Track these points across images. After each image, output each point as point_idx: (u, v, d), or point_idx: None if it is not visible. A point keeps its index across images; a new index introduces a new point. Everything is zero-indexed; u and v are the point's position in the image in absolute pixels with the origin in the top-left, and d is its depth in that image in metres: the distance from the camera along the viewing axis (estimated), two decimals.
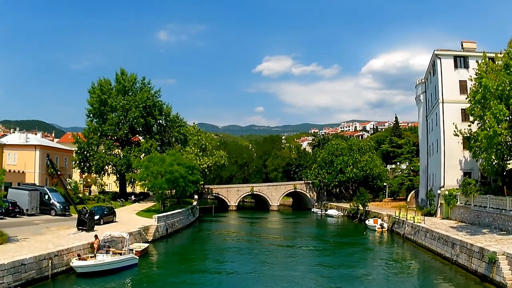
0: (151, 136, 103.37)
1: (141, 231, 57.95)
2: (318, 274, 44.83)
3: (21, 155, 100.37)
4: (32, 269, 33.73)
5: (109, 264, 39.95)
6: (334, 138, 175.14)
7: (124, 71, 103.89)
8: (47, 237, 45.43)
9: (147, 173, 78.41)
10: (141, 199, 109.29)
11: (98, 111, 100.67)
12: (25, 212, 63.73)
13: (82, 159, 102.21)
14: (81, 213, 52.78)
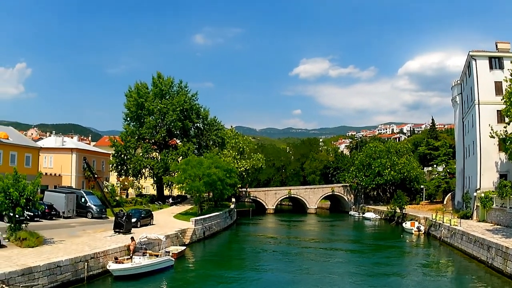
0: (188, 139, 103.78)
1: (178, 234, 57.96)
2: (355, 277, 44.76)
3: (57, 158, 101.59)
4: (68, 271, 33.90)
5: (146, 267, 39.97)
6: (371, 141, 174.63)
7: (160, 75, 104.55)
8: (83, 240, 45.73)
9: (185, 176, 78.69)
10: (179, 202, 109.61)
11: (135, 114, 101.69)
12: (62, 214, 64.34)
13: (119, 162, 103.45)
14: (118, 216, 53.04)
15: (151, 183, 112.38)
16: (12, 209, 40.68)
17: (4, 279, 28.18)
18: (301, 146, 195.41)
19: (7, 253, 35.23)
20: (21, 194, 40.09)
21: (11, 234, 40.92)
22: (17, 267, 30.07)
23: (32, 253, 35.74)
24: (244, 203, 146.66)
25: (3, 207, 40.68)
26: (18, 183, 40.76)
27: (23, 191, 40.27)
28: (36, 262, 32.15)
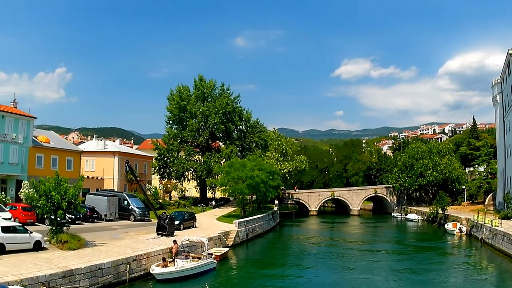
0: (231, 141, 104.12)
1: (221, 236, 58.04)
2: (397, 278, 44.99)
3: (99, 161, 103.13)
4: (110, 274, 34.23)
5: (188, 270, 40.08)
6: (414, 142, 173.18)
7: (202, 78, 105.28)
8: (126, 242, 46.07)
9: (228, 179, 78.68)
10: (222, 204, 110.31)
11: (177, 117, 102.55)
12: (104, 217, 64.95)
13: (162, 165, 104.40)
14: (161, 219, 53.30)
15: (194, 185, 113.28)
16: (53, 212, 41.21)
17: (45, 281, 28.50)
18: (344, 148, 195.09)
19: (48, 256, 35.65)
20: (62, 197, 40.58)
21: (52, 237, 41.46)
22: (58, 269, 30.41)
23: (73, 256, 36.10)
24: (287, 205, 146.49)
25: (44, 210, 41.19)
26: (59, 187, 41.30)
27: (64, 194, 40.75)
28: (77, 264, 32.53)
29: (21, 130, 73.61)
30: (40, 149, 78.24)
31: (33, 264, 31.54)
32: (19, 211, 52.16)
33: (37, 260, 33.21)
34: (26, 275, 28.03)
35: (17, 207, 53.86)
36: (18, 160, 71.69)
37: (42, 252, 37.40)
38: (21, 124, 74.31)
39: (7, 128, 71.35)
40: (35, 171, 73.12)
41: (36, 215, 50.73)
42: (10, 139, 70.52)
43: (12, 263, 31.49)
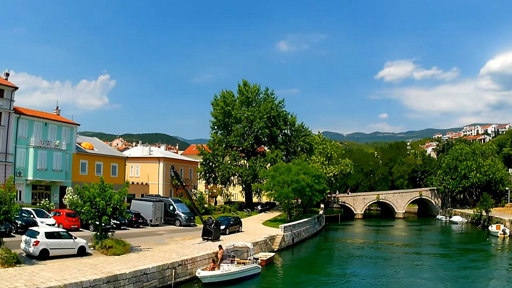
0: (276, 146, 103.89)
1: (267, 241, 57.96)
2: (441, 281, 45.04)
3: (144, 167, 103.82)
4: (155, 278, 34.32)
5: (233, 274, 40.09)
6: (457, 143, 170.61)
7: (246, 83, 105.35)
8: (171, 247, 46.21)
9: (274, 183, 78.76)
10: (267, 209, 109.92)
11: (222, 122, 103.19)
12: (149, 222, 65.35)
13: (208, 170, 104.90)
14: (207, 223, 53.40)
15: (240, 190, 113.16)
16: (98, 218, 41.49)
17: (89, 286, 28.60)
18: (389, 150, 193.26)
19: (92, 261, 35.87)
20: (107, 203, 40.91)
21: (97, 242, 41.73)
22: (102, 275, 30.51)
23: (118, 261, 36.26)
24: (333, 209, 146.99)
25: (89, 216, 41.56)
26: (104, 192, 41.70)
27: (109, 200, 41.08)
28: (122, 269, 32.62)
29: (64, 137, 74.53)
30: (84, 155, 79.06)
31: (77, 270, 31.66)
32: (63, 217, 52.68)
33: (81, 266, 33.37)
34: (70, 280, 28.16)
35: (61, 213, 54.42)
36: (61, 166, 72.48)
37: (86, 257, 37.67)
38: (64, 131, 75.28)
39: (50, 135, 72.29)
40: (79, 178, 74.00)
41: (81, 221, 51.33)
42: (54, 146, 71.38)
43: (56, 269, 31.68)
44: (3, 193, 34.04)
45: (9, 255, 31.84)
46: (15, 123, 67.62)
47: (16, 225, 45.82)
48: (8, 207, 34.02)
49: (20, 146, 67.86)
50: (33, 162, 68.28)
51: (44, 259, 34.86)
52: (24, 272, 29.62)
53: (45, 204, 63.00)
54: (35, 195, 70.25)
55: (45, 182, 71.09)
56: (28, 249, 35.54)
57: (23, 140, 68.36)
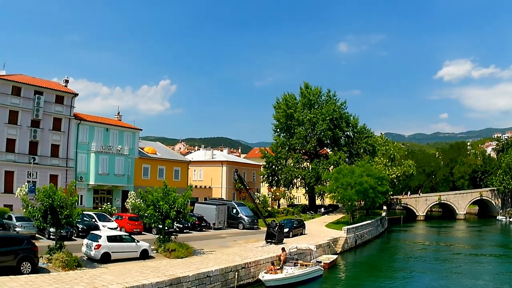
0: (339, 148, 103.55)
1: (330, 243, 57.67)
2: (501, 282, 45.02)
3: (207, 171, 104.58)
4: (218, 281, 34.07)
5: (296, 277, 39.76)
6: None
7: (308, 85, 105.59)
8: (234, 250, 46.08)
9: (337, 185, 78.47)
10: (330, 211, 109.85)
11: (284, 125, 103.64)
12: (212, 226, 65.41)
13: (271, 173, 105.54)
14: (270, 226, 53.09)
15: (303, 193, 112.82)
16: (161, 221, 41.68)
17: None
18: (450, 151, 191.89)
19: (154, 264, 35.88)
20: (171, 206, 41.01)
21: (160, 245, 41.79)
22: (165, 277, 30.33)
23: (181, 264, 36.14)
24: (395, 211, 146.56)
25: (152, 219, 41.77)
26: (167, 196, 41.92)
27: (173, 203, 41.21)
28: (185, 272, 32.44)
29: (126, 142, 75.71)
30: (146, 160, 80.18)
31: (139, 273, 31.61)
32: (125, 221, 53.17)
33: (143, 269, 33.36)
34: (132, 283, 28.00)
35: (123, 216, 55.00)
36: (124, 171, 73.58)
37: (148, 260, 37.81)
38: (126, 136, 76.41)
39: (112, 140, 73.49)
40: (141, 182, 74.98)
41: (143, 224, 51.48)
42: (115, 151, 72.54)
43: (118, 272, 31.71)
44: (65, 198, 34.31)
45: (70, 258, 32.11)
46: (76, 129, 69.09)
47: (77, 229, 46.37)
48: (69, 211, 34.29)
49: (81, 152, 69.39)
50: (94, 167, 69.72)
51: (105, 262, 35.10)
52: (85, 275, 29.69)
53: (107, 208, 63.83)
54: (96, 199, 71.80)
55: (106, 187, 72.43)
56: (89, 252, 35.83)
57: (84, 145, 69.78)
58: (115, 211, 64.43)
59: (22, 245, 29.89)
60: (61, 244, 34.57)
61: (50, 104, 66.74)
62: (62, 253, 32.67)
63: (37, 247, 31.03)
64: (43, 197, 33.54)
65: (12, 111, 63.22)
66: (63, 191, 35.27)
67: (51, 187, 34.80)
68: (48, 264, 32.58)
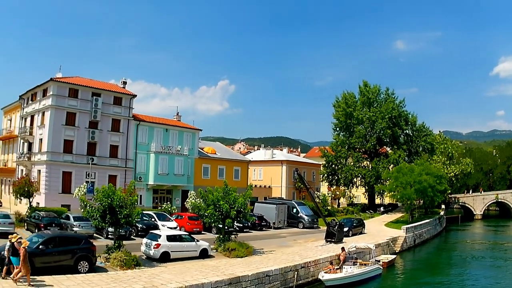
0: (398, 146, 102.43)
1: (389, 242, 57.17)
2: None
3: (267, 170, 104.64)
4: (277, 280, 33.79)
5: (355, 276, 39.48)
6: None
7: (367, 83, 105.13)
8: (294, 249, 45.78)
9: (396, 184, 78.01)
10: (390, 210, 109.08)
11: (344, 124, 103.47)
12: (272, 225, 65.26)
13: (330, 172, 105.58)
14: (330, 226, 52.81)
15: (362, 192, 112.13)
16: (221, 220, 41.64)
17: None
18: (507, 149, 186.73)
19: (214, 263, 35.78)
20: (231, 206, 40.93)
21: (220, 245, 41.79)
22: (224, 277, 30.20)
23: (240, 263, 36.00)
24: (453, 210, 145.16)
25: (212, 219, 41.81)
26: (228, 196, 41.86)
27: (233, 203, 41.12)
28: (244, 271, 32.27)
29: (186, 142, 76.37)
30: (206, 160, 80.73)
31: (198, 272, 31.53)
32: (185, 220, 53.51)
33: (203, 268, 33.29)
34: (191, 282, 27.91)
35: (183, 216, 55.32)
36: (183, 171, 74.10)
37: (208, 260, 37.74)
38: (186, 136, 77.08)
39: (172, 140, 74.27)
40: (201, 181, 75.57)
41: (203, 224, 51.63)
42: (175, 151, 73.11)
43: (177, 271, 31.70)
44: (124, 198, 34.56)
45: (128, 257, 32.30)
46: (135, 129, 70.01)
47: (136, 228, 46.91)
48: (129, 211, 34.48)
49: (140, 152, 70.33)
50: (154, 167, 70.49)
51: (165, 261, 35.18)
52: (143, 274, 29.76)
53: (166, 208, 64.36)
54: (156, 199, 72.64)
55: (166, 187, 73.09)
56: (148, 252, 36.03)
57: (143, 146, 70.68)
58: (175, 211, 65.02)
59: (80, 245, 30.23)
60: (120, 244, 34.93)
61: (108, 105, 68.04)
62: (120, 252, 32.96)
63: (95, 247, 31.37)
64: (102, 197, 33.86)
65: (70, 113, 64.75)
66: (122, 191, 35.53)
67: (110, 187, 35.09)
68: (106, 263, 32.95)
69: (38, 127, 66.59)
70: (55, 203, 59.07)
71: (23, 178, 58.02)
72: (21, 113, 75.07)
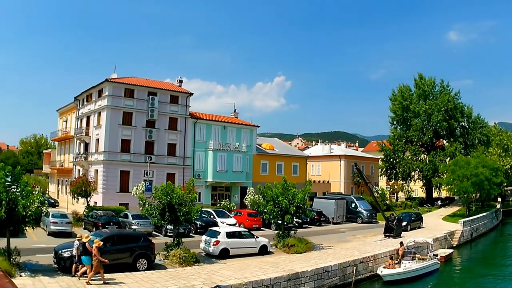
0: (454, 139, 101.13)
1: (447, 236, 56.41)
2: None
3: (325, 165, 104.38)
4: (336, 276, 33.63)
5: (414, 271, 39.04)
6: None
7: (422, 76, 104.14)
8: (353, 244, 45.59)
9: (453, 177, 76.87)
10: (447, 203, 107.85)
11: (401, 117, 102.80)
12: (331, 220, 65.17)
13: (389, 166, 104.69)
14: (389, 220, 52.41)
15: (420, 185, 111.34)
16: (281, 216, 41.66)
17: (269, 284, 28.30)
18: None
19: (273, 259, 35.73)
20: (290, 202, 40.88)
21: (279, 241, 41.79)
22: (283, 273, 30.18)
23: (299, 259, 35.94)
24: (509, 202, 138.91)
25: (272, 215, 41.90)
26: (287, 192, 41.86)
27: (292, 199, 41.04)
28: (303, 267, 32.21)
29: (244, 139, 76.69)
30: (264, 156, 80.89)
31: (258, 268, 31.61)
32: (244, 217, 53.80)
33: (262, 264, 33.34)
34: (250, 278, 28.01)
35: (242, 213, 55.61)
36: (242, 168, 74.34)
37: (267, 256, 37.72)
38: (244, 133, 77.43)
39: (229, 137, 74.67)
40: (259, 178, 75.74)
41: (263, 220, 51.87)
42: (233, 148, 73.43)
43: (236, 267, 31.81)
44: (183, 195, 34.79)
45: (187, 254, 32.49)
46: (192, 127, 70.47)
47: (195, 225, 47.41)
48: (188, 208, 34.62)
49: (198, 150, 70.83)
50: (212, 164, 70.96)
51: (224, 258, 35.30)
52: (202, 271, 29.94)
53: (225, 205, 64.83)
54: (215, 196, 73.11)
55: (225, 183, 73.48)
56: (207, 248, 36.25)
57: (201, 143, 71.23)
58: (233, 207, 65.47)
59: (139, 243, 30.62)
60: (179, 241, 35.11)
61: (165, 104, 68.82)
62: (179, 250, 33.20)
63: (154, 244, 31.74)
64: (161, 195, 34.11)
65: (126, 113, 65.85)
66: (181, 189, 35.79)
67: (168, 185, 35.35)
68: (164, 261, 33.26)
69: (94, 127, 68.03)
70: (112, 202, 60.21)
71: (80, 178, 58.86)
72: (76, 114, 76.93)
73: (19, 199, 26.64)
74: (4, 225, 26.81)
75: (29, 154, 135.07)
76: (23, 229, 28.95)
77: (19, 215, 26.52)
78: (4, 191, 26.22)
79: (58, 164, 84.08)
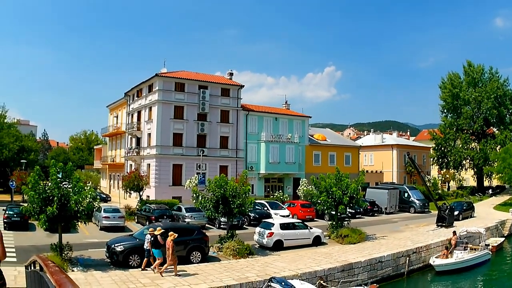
0: (504, 126, 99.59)
1: (498, 226, 55.38)
2: None
3: (378, 155, 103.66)
4: (389, 266, 33.49)
5: (466, 262, 38.50)
6: None
7: (471, 63, 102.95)
8: (406, 234, 45.22)
9: (504, 165, 75.89)
10: (498, 192, 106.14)
11: (451, 105, 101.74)
12: (384, 210, 64.91)
13: (440, 155, 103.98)
14: (441, 209, 51.92)
15: (471, 174, 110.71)
16: (334, 207, 41.51)
17: (323, 275, 28.28)
18: None
19: (327, 250, 35.78)
20: (344, 192, 40.71)
21: (332, 231, 41.75)
22: (337, 264, 30.16)
23: (353, 250, 35.86)
24: None
25: (325, 205, 41.67)
26: (340, 182, 41.69)
27: (346, 189, 40.87)
28: (357, 258, 32.16)
29: (296, 130, 76.76)
30: (316, 146, 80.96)
31: (311, 259, 31.60)
32: (297, 208, 54.10)
33: (315, 255, 33.34)
34: (304, 270, 28.03)
35: (295, 204, 55.86)
36: (294, 159, 74.45)
37: (321, 247, 37.73)
38: (296, 124, 77.49)
39: (282, 129, 74.77)
40: (312, 169, 75.85)
41: (316, 211, 51.91)
42: (286, 139, 73.49)
43: (290, 259, 31.88)
44: (237, 187, 35.00)
45: (241, 246, 32.66)
46: (244, 119, 70.84)
47: (249, 217, 47.67)
48: (242, 200, 34.76)
49: (250, 142, 71.14)
50: (265, 156, 71.27)
51: (278, 250, 35.46)
52: (256, 263, 30.10)
53: (278, 196, 65.05)
54: (267, 187, 73.47)
55: (277, 175, 73.80)
56: (261, 240, 36.43)
57: (253, 135, 71.49)
58: (287, 199, 65.64)
59: (193, 235, 30.97)
60: (233, 233, 35.38)
61: (216, 97, 69.32)
62: (233, 242, 33.36)
63: (207, 237, 32.07)
64: (215, 187, 34.35)
65: (177, 107, 66.52)
66: (234, 181, 36.06)
67: (222, 177, 35.62)
68: (218, 253, 33.49)
69: (145, 122, 69.11)
70: (165, 195, 60.85)
71: (132, 172, 59.41)
72: (127, 109, 78.29)
73: (71, 195, 27.21)
74: (56, 220, 27.42)
75: (79, 150, 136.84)
76: (75, 224, 29.29)
77: (71, 210, 27.08)
78: (56, 187, 26.87)
79: (109, 159, 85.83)
